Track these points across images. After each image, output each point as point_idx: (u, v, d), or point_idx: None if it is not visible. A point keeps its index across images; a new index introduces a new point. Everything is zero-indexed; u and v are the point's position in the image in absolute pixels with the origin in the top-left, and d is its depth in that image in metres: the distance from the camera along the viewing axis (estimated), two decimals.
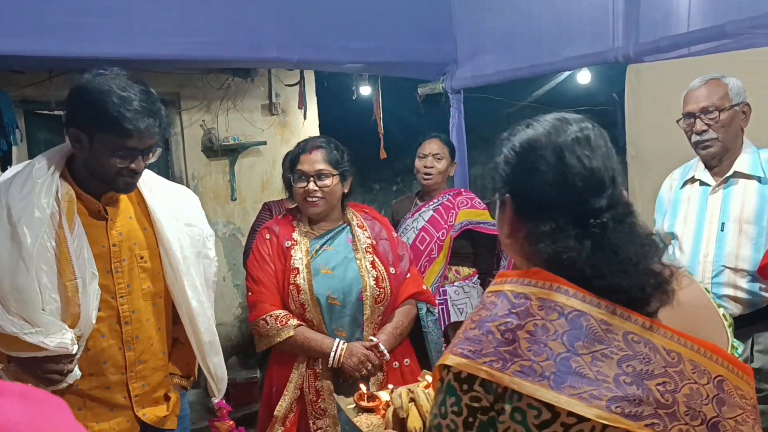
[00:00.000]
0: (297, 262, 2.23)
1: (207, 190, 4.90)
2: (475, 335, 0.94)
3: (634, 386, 0.89)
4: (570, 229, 0.99)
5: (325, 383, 2.21)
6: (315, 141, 2.33)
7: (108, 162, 1.70)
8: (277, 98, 5.05)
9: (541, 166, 1.02)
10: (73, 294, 1.71)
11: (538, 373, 0.89)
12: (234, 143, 4.83)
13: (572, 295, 0.95)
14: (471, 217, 3.09)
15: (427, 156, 3.18)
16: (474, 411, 0.92)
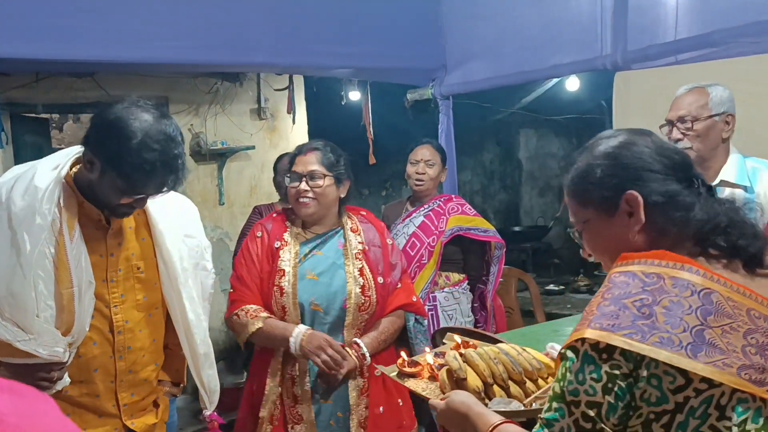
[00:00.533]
0: (284, 263, 2.21)
1: (195, 195, 4.87)
2: (611, 311, 1.04)
3: (758, 356, 1.01)
4: (701, 196, 1.15)
5: (302, 386, 2.19)
6: (312, 143, 2.34)
7: (113, 196, 1.69)
8: (266, 103, 5.04)
9: (649, 153, 1.17)
10: (68, 302, 1.68)
11: (676, 343, 1.00)
12: (222, 147, 4.81)
13: (701, 274, 1.07)
14: (461, 224, 3.09)
15: (419, 162, 3.18)
16: (614, 378, 1.02)
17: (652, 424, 1.03)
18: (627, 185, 1.16)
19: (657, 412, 1.02)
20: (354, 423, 2.21)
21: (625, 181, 1.16)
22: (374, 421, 2.23)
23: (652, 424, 1.03)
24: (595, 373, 1.03)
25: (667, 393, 1.01)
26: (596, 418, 1.04)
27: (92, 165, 1.66)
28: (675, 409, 1.01)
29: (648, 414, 1.03)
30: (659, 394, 1.01)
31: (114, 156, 1.62)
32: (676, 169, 1.16)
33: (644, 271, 1.08)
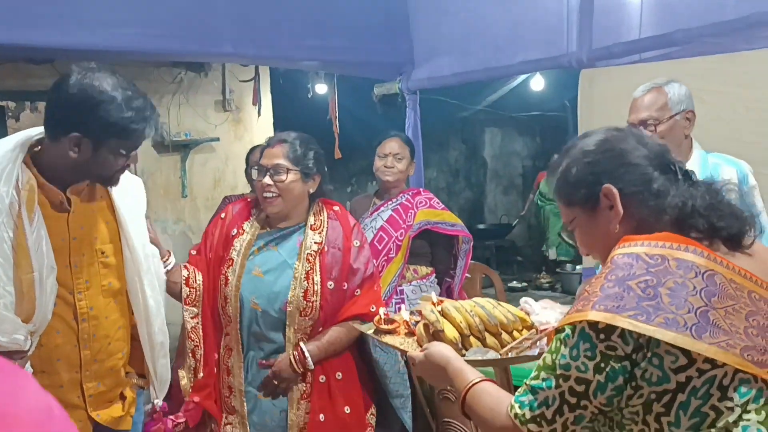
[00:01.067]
0: (235, 253, 2.17)
1: (157, 186, 4.79)
2: (615, 292, 1.05)
3: (759, 338, 1.04)
4: (677, 181, 1.17)
5: (236, 379, 2.16)
6: (282, 135, 2.24)
7: (114, 162, 1.70)
8: (231, 94, 4.98)
9: (628, 146, 1.20)
10: (28, 288, 1.62)
11: (681, 324, 1.01)
12: (186, 139, 4.74)
13: (705, 256, 1.08)
14: (429, 217, 3.09)
15: (387, 156, 3.17)
16: (608, 357, 1.04)
17: (653, 404, 1.04)
18: (603, 179, 1.19)
19: (658, 391, 1.04)
20: (293, 428, 2.15)
21: (601, 176, 1.19)
22: (313, 428, 2.15)
23: (653, 404, 1.04)
24: (590, 351, 1.05)
25: (669, 372, 1.02)
26: (583, 394, 1.06)
27: (80, 146, 1.64)
28: (677, 389, 1.03)
29: (649, 394, 1.04)
30: (660, 373, 1.03)
31: (106, 124, 1.63)
32: (651, 158, 1.19)
33: (648, 253, 1.09)
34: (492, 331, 1.62)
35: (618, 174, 1.18)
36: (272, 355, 2.15)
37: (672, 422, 1.04)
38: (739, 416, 1.02)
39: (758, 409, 1.03)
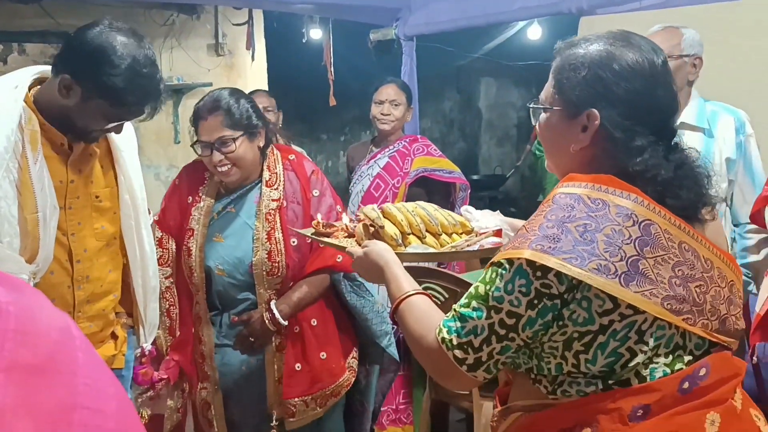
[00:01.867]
0: (194, 222, 2.11)
1: (149, 132, 4.73)
2: (553, 233, 1.08)
3: (681, 287, 1.09)
4: (659, 146, 1.14)
5: (206, 347, 2.15)
6: (208, 103, 2.07)
7: (94, 122, 1.65)
8: (223, 38, 4.89)
9: (636, 83, 1.13)
10: (33, 227, 1.62)
11: (612, 271, 1.04)
12: (178, 83, 4.67)
13: (645, 205, 1.10)
14: (426, 165, 3.08)
15: (383, 102, 3.14)
16: (541, 295, 1.07)
17: (574, 342, 1.10)
18: (596, 102, 1.14)
19: (581, 331, 1.09)
20: (270, 378, 2.15)
21: (596, 97, 1.15)
22: (290, 377, 2.14)
23: (574, 342, 1.10)
24: (525, 288, 1.08)
25: (595, 315, 1.07)
26: (513, 327, 1.10)
27: (70, 91, 1.60)
28: (598, 330, 1.08)
29: (572, 333, 1.09)
30: (587, 315, 1.07)
31: (101, 84, 1.58)
32: (652, 111, 1.15)
33: (590, 196, 1.10)
34: (432, 231, 1.61)
35: (612, 108, 1.14)
36: (242, 312, 2.13)
37: (589, 360, 1.10)
38: (650, 359, 1.10)
39: (667, 353, 1.10)
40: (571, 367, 1.11)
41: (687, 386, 1.10)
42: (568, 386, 1.13)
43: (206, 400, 2.17)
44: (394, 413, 2.90)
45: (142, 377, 2.01)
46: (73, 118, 1.66)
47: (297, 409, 2.14)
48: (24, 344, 0.38)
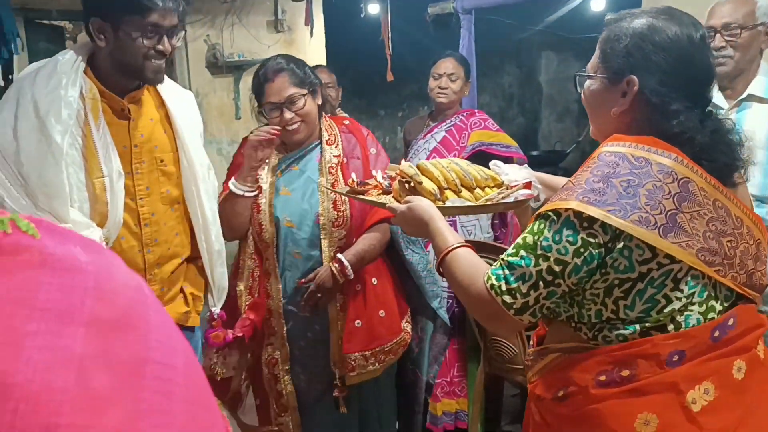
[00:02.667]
0: (261, 180, 2.18)
1: (211, 108, 4.84)
2: (599, 187, 1.16)
3: (714, 241, 1.18)
4: (694, 113, 1.22)
5: (274, 302, 2.21)
6: (272, 66, 2.17)
7: (135, 46, 1.71)
8: (283, 14, 4.92)
9: (675, 56, 1.22)
10: (100, 192, 1.71)
11: (652, 223, 1.14)
12: (239, 60, 4.74)
13: (684, 164, 1.19)
14: (483, 139, 3.04)
15: (442, 76, 3.11)
16: (587, 244, 1.17)
17: (614, 288, 1.19)
18: (635, 69, 1.24)
19: (622, 278, 1.17)
20: (333, 337, 2.22)
21: (636, 65, 1.24)
22: (351, 334, 2.21)
23: (614, 288, 1.19)
24: (572, 237, 1.17)
25: (635, 263, 1.16)
26: (559, 273, 1.19)
27: (104, 33, 1.70)
28: (637, 278, 1.17)
29: (613, 279, 1.18)
30: (627, 263, 1.16)
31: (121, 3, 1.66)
32: (687, 80, 1.22)
33: (633, 154, 1.19)
34: (467, 186, 1.67)
35: (650, 75, 1.22)
36: (308, 274, 2.18)
37: (628, 306, 1.19)
38: (685, 306, 1.19)
39: (701, 302, 1.20)
40: (610, 313, 1.20)
41: (717, 334, 1.19)
42: (608, 332, 1.22)
43: (273, 356, 2.24)
44: (449, 386, 2.91)
45: (213, 339, 2.07)
46: (123, 58, 1.73)
47: (357, 364, 2.21)
48: (102, 300, 0.40)
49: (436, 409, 2.93)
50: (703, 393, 1.17)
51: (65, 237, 0.43)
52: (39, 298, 0.38)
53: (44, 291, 0.39)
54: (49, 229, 0.42)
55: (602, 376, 1.21)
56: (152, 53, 1.74)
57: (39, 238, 0.41)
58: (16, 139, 1.61)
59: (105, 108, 1.76)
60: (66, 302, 0.39)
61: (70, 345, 0.37)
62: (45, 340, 0.37)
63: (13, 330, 0.36)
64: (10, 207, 1.60)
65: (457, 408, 2.86)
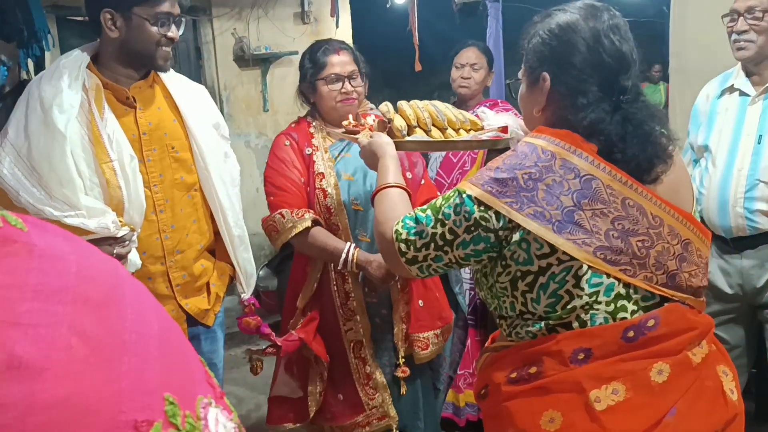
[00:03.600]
0: (321, 167, 2.20)
1: (239, 101, 4.88)
2: (503, 177, 1.19)
3: (618, 240, 1.18)
4: (604, 103, 1.22)
5: (354, 283, 2.22)
6: (335, 42, 2.28)
7: (147, 33, 1.79)
8: (309, 6, 4.93)
9: (580, 47, 1.23)
10: (111, 176, 1.76)
11: (546, 218, 1.16)
12: (266, 53, 4.77)
13: (590, 161, 1.19)
14: None
15: (464, 66, 3.08)
16: (478, 225, 1.22)
17: (518, 281, 1.23)
18: (545, 66, 1.27)
19: (523, 271, 1.22)
20: (396, 318, 2.26)
21: (546, 61, 1.27)
22: (415, 315, 2.27)
23: (518, 281, 1.23)
24: (467, 215, 1.22)
25: (533, 257, 1.19)
26: (449, 242, 1.25)
27: (116, 22, 1.77)
28: (538, 272, 1.20)
29: (515, 272, 1.22)
30: (526, 256, 1.20)
31: None
32: (598, 69, 1.23)
33: (544, 148, 1.21)
34: (438, 126, 1.72)
35: (559, 68, 1.25)
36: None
37: (534, 299, 1.23)
38: (589, 304, 1.20)
39: (608, 302, 1.20)
40: (521, 306, 1.25)
41: (632, 335, 1.18)
42: (520, 328, 1.27)
43: (356, 340, 2.26)
44: (471, 377, 2.91)
45: (244, 326, 2.09)
46: (135, 47, 1.81)
47: (430, 342, 2.29)
48: (85, 283, 0.47)
49: (458, 400, 2.93)
50: (611, 393, 1.16)
51: (49, 230, 0.50)
52: (29, 282, 0.44)
53: (33, 276, 0.44)
54: (34, 223, 0.48)
55: (513, 373, 1.25)
56: (164, 40, 1.82)
57: (26, 231, 0.47)
58: (27, 136, 1.68)
59: (109, 98, 1.82)
60: (54, 284, 0.45)
61: (59, 321, 0.43)
62: (38, 317, 0.43)
63: (8, 310, 0.42)
64: (25, 200, 1.66)
65: None
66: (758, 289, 2.31)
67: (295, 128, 2.30)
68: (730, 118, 2.33)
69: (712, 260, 2.38)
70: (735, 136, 2.30)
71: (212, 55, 4.78)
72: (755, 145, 2.24)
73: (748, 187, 2.24)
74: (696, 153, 2.47)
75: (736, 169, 2.27)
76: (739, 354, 2.44)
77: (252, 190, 4.92)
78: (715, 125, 2.38)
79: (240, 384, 3.77)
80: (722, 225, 2.31)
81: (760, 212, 2.23)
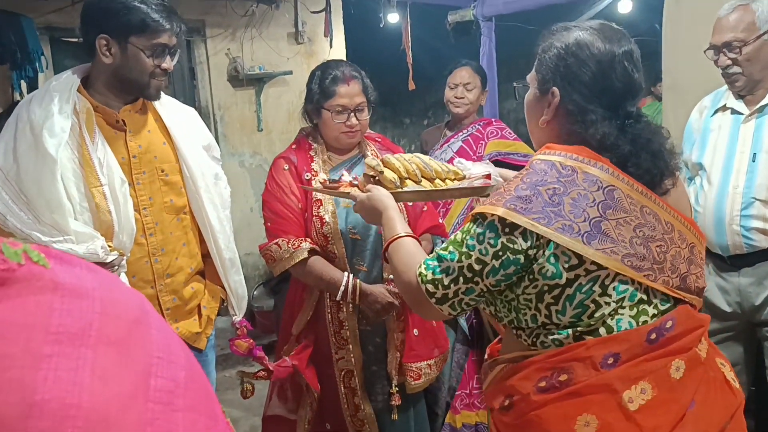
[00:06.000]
0: (319, 193, 2.16)
1: (233, 120, 4.88)
2: (526, 195, 1.21)
3: (641, 246, 1.23)
4: (611, 122, 1.27)
5: (348, 312, 2.20)
6: (347, 70, 2.19)
7: (142, 64, 1.78)
8: (303, 26, 4.95)
9: (593, 67, 1.27)
10: (101, 200, 1.74)
11: (575, 230, 1.19)
12: (260, 72, 4.77)
13: (609, 172, 1.24)
14: (500, 148, 3.01)
15: (457, 86, 3.09)
16: (506, 249, 1.22)
17: (545, 294, 1.24)
18: (558, 81, 1.30)
19: (550, 284, 1.22)
20: (391, 347, 2.24)
21: (558, 77, 1.30)
22: (409, 344, 2.24)
23: (545, 294, 1.24)
24: (494, 240, 1.22)
25: (562, 270, 1.21)
26: (478, 272, 1.25)
27: (110, 49, 1.75)
28: (566, 284, 1.22)
29: (542, 286, 1.23)
30: (555, 270, 1.21)
31: (128, 20, 1.73)
32: (605, 92, 1.27)
33: (562, 163, 1.23)
34: (427, 177, 1.77)
35: (571, 87, 1.28)
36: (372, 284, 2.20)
37: (559, 311, 1.24)
38: (615, 310, 1.23)
39: (632, 306, 1.24)
40: (544, 318, 1.26)
41: (654, 337, 1.23)
42: (544, 337, 1.28)
43: (348, 369, 2.23)
44: (468, 398, 2.87)
45: (236, 348, 2.08)
46: (129, 75, 1.79)
47: (422, 372, 2.26)
48: (108, 323, 0.45)
49: (455, 421, 2.89)
50: (640, 392, 1.20)
51: (73, 264, 0.48)
52: (52, 323, 0.43)
53: (56, 316, 0.43)
54: (57, 258, 0.48)
55: (542, 382, 1.26)
56: (158, 71, 1.80)
57: (49, 268, 0.46)
58: (16, 159, 1.66)
59: (100, 121, 1.80)
60: (76, 326, 0.44)
61: (81, 365, 0.42)
62: (59, 362, 0.42)
63: (31, 354, 0.41)
64: (12, 224, 1.64)
65: (477, 420, 2.83)
66: (757, 306, 2.29)
67: (295, 150, 2.26)
68: (724, 136, 2.32)
69: (710, 278, 2.36)
70: (729, 154, 2.29)
71: (206, 75, 4.78)
72: (749, 163, 2.23)
73: (744, 205, 2.23)
74: (690, 171, 2.47)
75: (731, 187, 2.26)
76: (738, 372, 2.40)
77: (246, 210, 4.91)
78: (708, 143, 2.37)
79: (235, 405, 3.72)
80: (719, 243, 2.30)
81: (756, 230, 2.22)
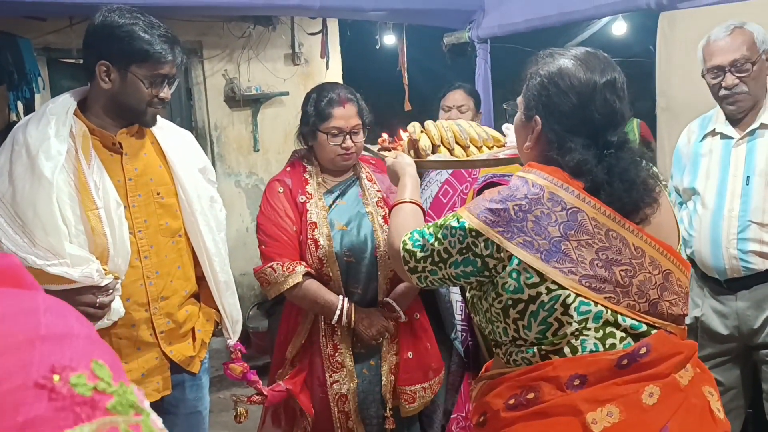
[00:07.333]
0: (314, 216, 2.16)
1: (230, 141, 4.89)
2: (496, 208, 1.28)
3: (603, 269, 1.26)
4: (590, 151, 1.30)
5: (342, 335, 2.19)
6: (343, 92, 2.20)
7: (140, 92, 1.77)
8: (299, 48, 4.98)
9: (573, 98, 1.30)
10: (96, 223, 1.73)
11: (535, 247, 1.25)
12: (256, 93, 4.79)
13: (576, 195, 1.28)
14: (496, 170, 3.01)
15: (451, 108, 3.10)
16: (469, 249, 1.32)
17: (509, 309, 1.31)
18: (539, 109, 1.35)
19: (514, 299, 1.29)
20: (385, 369, 2.22)
21: (541, 105, 1.35)
22: (404, 367, 2.23)
23: (509, 309, 1.31)
24: (461, 238, 1.32)
25: (524, 286, 1.27)
26: (443, 260, 1.36)
27: (110, 75, 1.75)
28: (528, 300, 1.28)
29: (507, 300, 1.30)
30: (517, 284, 1.28)
31: (130, 48, 1.73)
32: (585, 123, 1.31)
33: (534, 181, 1.29)
34: (461, 144, 1.84)
35: (550, 114, 1.33)
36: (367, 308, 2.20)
37: (525, 326, 1.30)
38: (579, 330, 1.27)
39: (597, 328, 1.27)
40: (513, 332, 1.32)
41: (626, 362, 1.25)
42: (516, 355, 1.34)
43: (341, 393, 2.21)
44: (464, 420, 2.84)
45: (230, 372, 2.06)
46: (126, 101, 1.79)
47: (417, 395, 2.25)
48: None
49: None
50: (606, 415, 1.22)
51: None
52: None
53: None
54: None
55: (512, 399, 1.30)
56: (156, 100, 1.81)
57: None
58: (11, 182, 1.66)
59: (96, 144, 1.80)
60: None
61: None
62: None
63: None
64: (7, 247, 1.63)
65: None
66: (755, 330, 2.28)
67: (290, 172, 2.26)
68: (716, 160, 2.32)
69: (706, 302, 2.36)
70: (722, 178, 2.29)
71: (203, 96, 4.80)
72: (743, 186, 2.23)
73: (741, 229, 2.23)
74: (682, 196, 2.46)
75: (726, 210, 2.26)
76: (735, 395, 2.40)
77: (242, 230, 4.90)
78: (701, 168, 2.37)
79: (229, 428, 3.68)
80: (716, 266, 2.30)
81: (753, 253, 2.22)
